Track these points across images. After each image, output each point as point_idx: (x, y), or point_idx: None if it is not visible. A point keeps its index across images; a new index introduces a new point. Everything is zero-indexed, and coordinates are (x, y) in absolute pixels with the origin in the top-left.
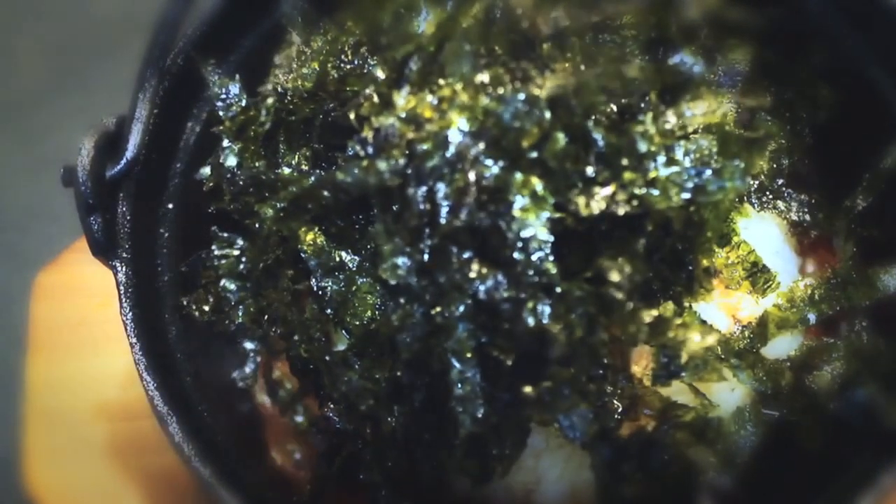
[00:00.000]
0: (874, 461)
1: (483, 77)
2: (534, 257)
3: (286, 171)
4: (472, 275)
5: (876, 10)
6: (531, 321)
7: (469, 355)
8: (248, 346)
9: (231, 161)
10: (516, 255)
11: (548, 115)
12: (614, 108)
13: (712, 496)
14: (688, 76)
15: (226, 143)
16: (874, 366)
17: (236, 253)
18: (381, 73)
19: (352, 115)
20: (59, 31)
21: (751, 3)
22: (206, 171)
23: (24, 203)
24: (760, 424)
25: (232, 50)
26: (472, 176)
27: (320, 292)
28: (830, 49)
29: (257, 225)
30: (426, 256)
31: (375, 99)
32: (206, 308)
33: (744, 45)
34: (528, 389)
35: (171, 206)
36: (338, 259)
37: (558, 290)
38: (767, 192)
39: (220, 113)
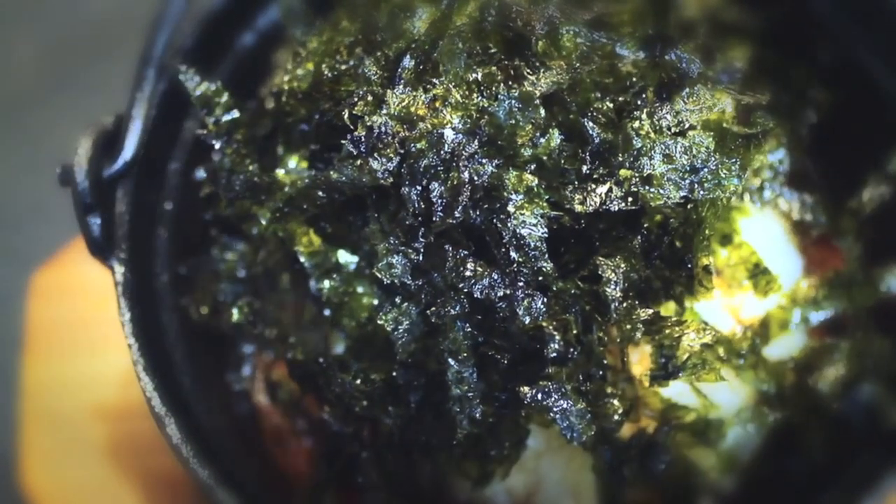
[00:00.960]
0: (876, 462)
1: (476, 75)
2: (529, 255)
3: (281, 172)
4: (468, 273)
5: (880, 10)
6: (527, 319)
7: (466, 355)
8: (246, 348)
9: (225, 165)
10: (512, 253)
11: (542, 112)
12: (610, 104)
13: (714, 498)
14: (684, 73)
15: (217, 147)
16: (877, 367)
17: (235, 255)
18: (374, 72)
19: (345, 115)
20: (57, 30)
21: (752, 2)
22: (202, 173)
23: (20, 202)
24: (762, 425)
25: (230, 49)
26: (466, 174)
27: (317, 293)
28: (833, 48)
29: (254, 229)
30: (421, 255)
31: (369, 98)
32: (205, 309)
33: (743, 43)
34: (525, 389)
35: (169, 205)
36: (334, 260)
37: (554, 288)
38: (768, 192)
39: (205, 117)
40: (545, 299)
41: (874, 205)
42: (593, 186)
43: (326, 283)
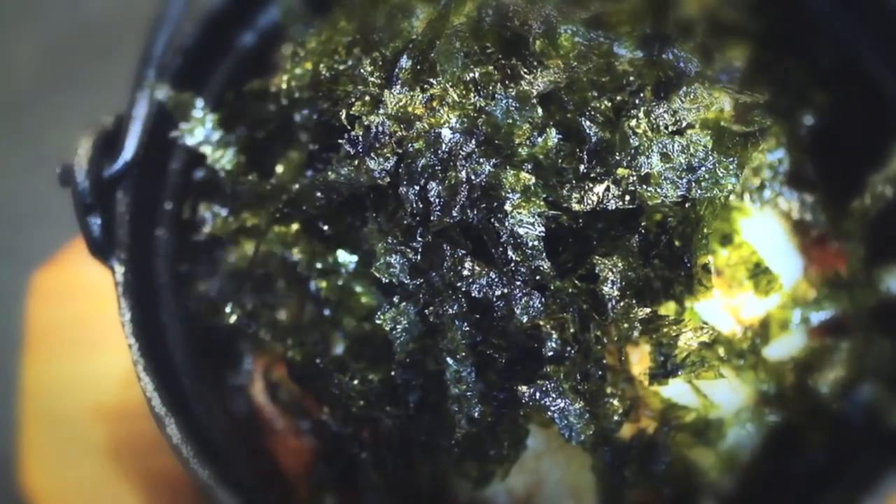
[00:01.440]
0: (876, 462)
1: (474, 75)
2: (527, 254)
3: (279, 172)
4: (466, 272)
5: (880, 10)
6: (524, 318)
7: (464, 354)
8: (246, 348)
9: (222, 167)
10: (509, 252)
11: (539, 111)
12: (608, 103)
13: (714, 498)
14: (681, 72)
15: (209, 153)
16: (877, 367)
17: (234, 255)
18: (371, 72)
19: (343, 115)
20: (57, 30)
21: (751, 1)
22: (202, 174)
23: (20, 202)
24: (762, 425)
25: (230, 49)
26: (463, 174)
27: (317, 293)
28: (833, 48)
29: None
30: (419, 255)
31: (367, 98)
32: (205, 309)
33: (742, 43)
34: (522, 388)
35: (169, 205)
36: (332, 260)
37: (551, 287)
38: (768, 191)
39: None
40: (542, 298)
41: (877, 206)
42: (591, 185)
43: (325, 283)
